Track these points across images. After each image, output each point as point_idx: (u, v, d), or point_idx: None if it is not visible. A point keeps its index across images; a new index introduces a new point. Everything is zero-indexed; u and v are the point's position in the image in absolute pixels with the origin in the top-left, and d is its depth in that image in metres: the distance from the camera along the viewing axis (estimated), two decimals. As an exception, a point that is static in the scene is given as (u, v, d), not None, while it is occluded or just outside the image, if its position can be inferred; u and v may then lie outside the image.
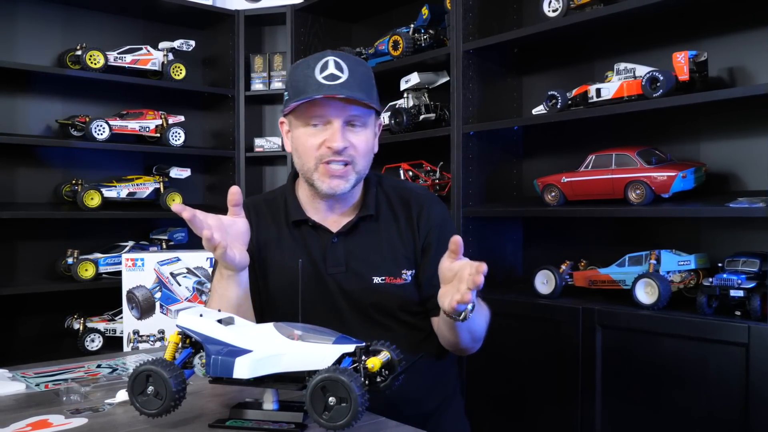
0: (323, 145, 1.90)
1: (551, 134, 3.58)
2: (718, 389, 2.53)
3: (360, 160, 1.94)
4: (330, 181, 1.92)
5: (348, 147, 1.90)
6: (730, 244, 2.91)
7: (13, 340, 4.17)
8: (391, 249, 2.03)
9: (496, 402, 3.28)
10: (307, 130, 1.93)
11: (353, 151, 1.92)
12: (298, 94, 1.89)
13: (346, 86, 1.87)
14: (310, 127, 1.92)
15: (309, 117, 1.91)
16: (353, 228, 2.03)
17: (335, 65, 1.89)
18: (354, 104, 1.89)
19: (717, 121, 3.01)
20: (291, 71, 1.99)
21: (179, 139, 4.45)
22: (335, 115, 1.89)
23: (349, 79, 1.88)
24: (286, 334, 1.40)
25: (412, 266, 2.03)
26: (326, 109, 1.88)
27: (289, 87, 1.96)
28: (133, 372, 1.41)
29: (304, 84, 1.89)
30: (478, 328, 1.94)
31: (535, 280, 3.19)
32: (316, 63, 1.90)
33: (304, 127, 1.93)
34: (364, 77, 1.94)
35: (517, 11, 3.73)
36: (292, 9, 4.63)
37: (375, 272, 1.99)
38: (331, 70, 1.88)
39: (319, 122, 1.91)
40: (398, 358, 1.43)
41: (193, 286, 3.77)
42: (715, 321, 2.56)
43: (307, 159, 1.94)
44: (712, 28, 3.02)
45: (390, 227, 2.05)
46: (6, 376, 1.88)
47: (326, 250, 2.01)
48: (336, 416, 1.29)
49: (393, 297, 2.00)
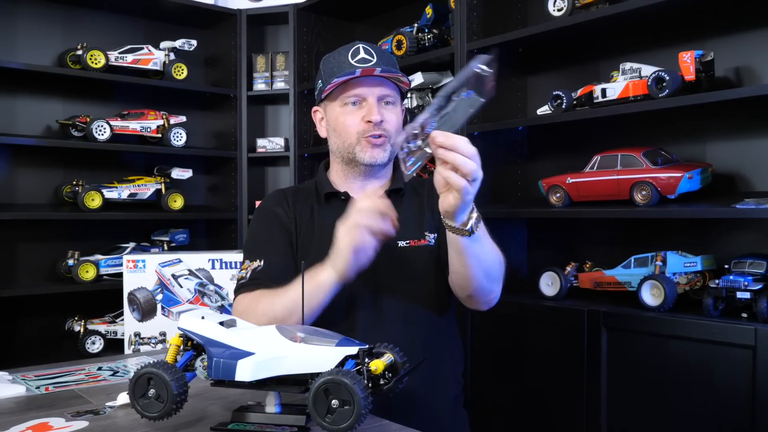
0: (362, 120, 2.07)
1: (556, 135, 3.56)
2: (725, 392, 2.52)
3: (393, 135, 2.09)
4: (372, 151, 2.08)
5: (383, 121, 2.07)
6: (736, 246, 2.90)
7: (13, 342, 4.16)
8: (415, 216, 2.15)
9: (501, 404, 3.26)
10: (345, 109, 2.10)
11: (388, 125, 2.09)
12: (333, 77, 2.06)
13: (378, 65, 2.05)
14: (348, 106, 2.09)
15: (345, 96, 2.08)
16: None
17: (365, 51, 2.09)
18: (388, 79, 2.08)
19: (723, 122, 3.00)
20: (323, 62, 2.16)
21: (181, 140, 4.44)
22: (370, 93, 2.07)
23: (379, 61, 2.07)
24: (288, 337, 1.40)
25: (434, 229, 2.13)
26: (361, 88, 2.07)
27: (323, 74, 2.14)
28: (135, 375, 1.39)
29: (339, 68, 2.07)
30: (489, 258, 1.92)
31: (539, 282, 3.20)
32: (347, 51, 2.10)
33: (342, 107, 2.10)
34: (391, 61, 2.13)
35: (522, 10, 3.71)
36: (294, 8, 4.62)
37: (400, 237, 2.05)
38: (362, 54, 2.08)
39: (355, 99, 2.08)
40: (402, 360, 1.43)
41: (195, 288, 3.75)
42: (721, 323, 2.54)
43: (348, 135, 2.10)
44: (718, 27, 3.01)
45: (413, 198, 2.20)
46: (6, 379, 1.88)
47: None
48: (339, 419, 1.28)
49: (416, 259, 2.09)
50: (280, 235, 2.12)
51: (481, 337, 3.34)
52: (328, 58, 2.15)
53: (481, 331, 3.34)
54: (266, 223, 2.16)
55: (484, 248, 1.87)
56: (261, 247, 2.11)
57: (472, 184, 1.64)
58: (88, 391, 1.79)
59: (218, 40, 4.87)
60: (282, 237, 2.12)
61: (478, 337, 3.35)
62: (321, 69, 2.17)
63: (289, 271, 2.02)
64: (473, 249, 1.82)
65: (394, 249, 2.05)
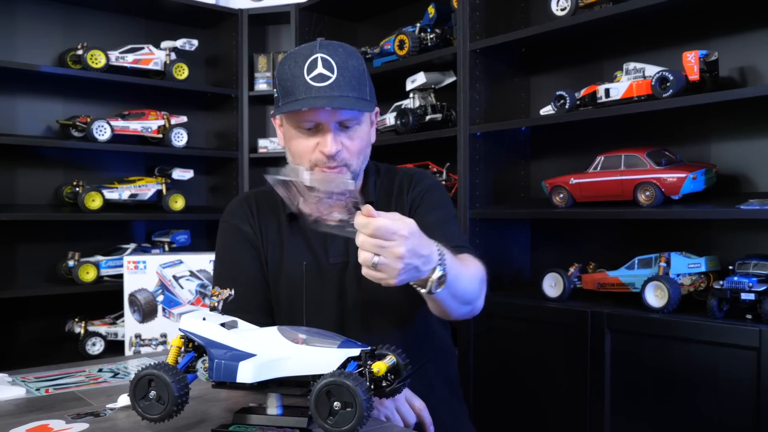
0: (316, 149, 1.84)
1: (559, 135, 3.56)
2: (729, 394, 2.51)
3: (354, 161, 1.89)
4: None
5: (341, 150, 1.85)
6: (741, 247, 2.90)
7: (13, 344, 4.15)
8: None
9: (504, 406, 3.26)
10: (299, 133, 1.87)
11: (346, 154, 1.87)
12: (286, 95, 1.82)
13: (336, 87, 1.79)
14: (301, 130, 1.85)
15: (299, 121, 1.84)
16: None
17: (323, 63, 1.80)
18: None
19: (728, 122, 3.00)
20: (279, 66, 1.89)
21: (182, 140, 4.43)
22: (326, 118, 1.82)
23: (339, 79, 1.79)
24: (290, 338, 1.39)
25: None
26: (317, 114, 1.81)
27: (278, 84, 1.88)
28: (135, 376, 1.38)
29: (292, 85, 1.81)
30: (466, 293, 1.76)
31: (543, 283, 3.19)
32: (304, 61, 1.81)
33: (296, 129, 1.87)
34: (355, 72, 1.83)
35: (525, 10, 3.72)
36: (296, 8, 4.61)
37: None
38: (320, 69, 1.79)
39: (310, 125, 1.84)
40: (404, 362, 1.42)
41: (196, 289, 3.75)
42: (725, 324, 2.54)
43: (301, 161, 1.88)
44: (722, 27, 3.00)
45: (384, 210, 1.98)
46: (6, 381, 1.87)
47: (327, 242, 1.98)
48: (341, 421, 1.27)
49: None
50: (249, 257, 2.01)
51: (484, 338, 3.33)
52: (283, 65, 1.87)
53: (483, 333, 3.33)
54: (233, 243, 2.04)
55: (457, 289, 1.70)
56: (231, 273, 2.00)
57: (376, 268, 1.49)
58: (88, 393, 1.78)
59: (219, 40, 4.87)
60: (251, 258, 2.01)
61: (481, 339, 3.34)
62: (276, 74, 1.90)
63: (261, 297, 1.98)
64: (442, 295, 1.66)
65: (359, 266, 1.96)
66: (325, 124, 1.82)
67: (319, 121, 1.82)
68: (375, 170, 2.09)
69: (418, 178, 2.07)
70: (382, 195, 2.05)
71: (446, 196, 2.10)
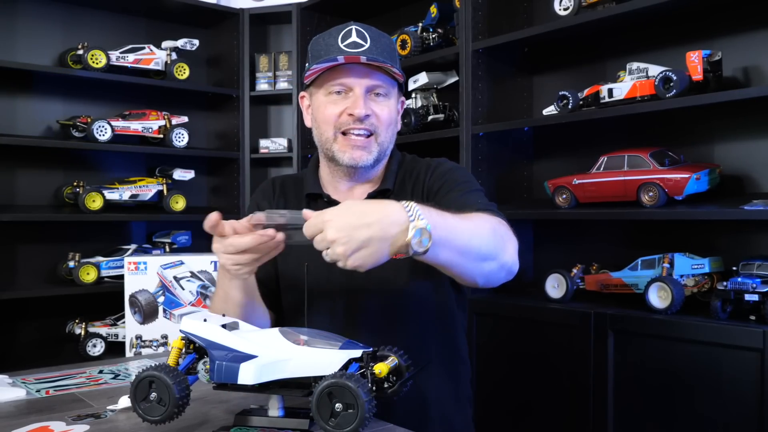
0: (344, 113, 1.84)
1: (562, 135, 3.56)
2: (733, 395, 2.52)
3: (383, 132, 1.88)
4: (352, 152, 1.86)
5: (371, 115, 1.84)
6: (744, 248, 2.90)
7: (14, 345, 4.14)
8: None
9: (506, 408, 3.25)
10: (328, 98, 1.87)
11: (376, 121, 1.86)
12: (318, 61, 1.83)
13: (369, 53, 1.80)
14: (332, 95, 1.86)
15: (330, 84, 1.85)
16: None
17: (357, 34, 1.83)
18: (378, 71, 1.84)
19: (731, 122, 3.00)
20: (312, 43, 1.91)
21: (183, 140, 4.42)
22: (357, 82, 1.83)
23: (372, 47, 1.82)
24: (291, 340, 1.38)
25: None
26: (348, 76, 1.83)
27: (310, 57, 1.90)
28: (136, 378, 1.38)
29: (326, 51, 1.83)
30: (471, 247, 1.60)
31: (545, 284, 3.19)
32: (338, 32, 1.84)
33: (326, 95, 1.87)
34: (387, 48, 1.87)
35: (528, 10, 3.72)
36: (297, 7, 4.62)
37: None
38: (354, 38, 1.82)
39: (340, 89, 1.85)
40: (406, 363, 1.41)
41: (197, 290, 3.74)
42: (729, 326, 2.54)
43: (326, 128, 1.88)
44: (726, 26, 3.00)
45: (403, 194, 1.95)
46: (6, 382, 1.86)
47: None
48: (343, 423, 1.26)
49: (399, 271, 1.87)
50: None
51: (487, 339, 3.32)
52: (317, 39, 1.90)
53: (486, 334, 3.32)
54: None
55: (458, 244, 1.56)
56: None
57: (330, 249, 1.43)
58: (89, 394, 1.77)
59: (221, 40, 4.86)
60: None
61: (484, 340, 3.33)
62: (309, 50, 1.92)
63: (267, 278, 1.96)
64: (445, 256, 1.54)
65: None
66: (356, 87, 1.84)
67: (349, 84, 1.84)
68: (400, 159, 2.05)
69: (436, 164, 2.00)
70: (399, 182, 1.99)
71: (467, 175, 2.01)
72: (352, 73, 1.82)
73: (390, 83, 1.89)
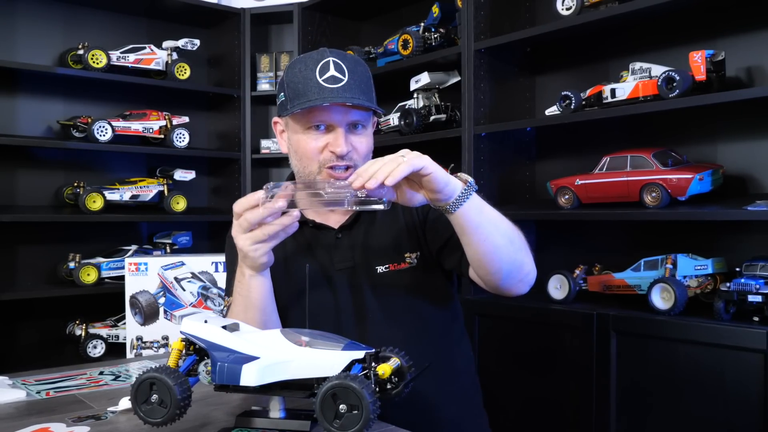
0: (326, 149, 1.86)
1: (565, 135, 3.55)
2: (736, 397, 2.51)
3: (361, 162, 1.87)
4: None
5: (351, 151, 1.87)
6: (747, 248, 2.89)
7: (14, 346, 4.13)
8: (391, 234, 1.98)
9: (508, 409, 3.24)
10: (308, 135, 1.88)
11: (355, 155, 1.88)
12: (298, 97, 1.84)
13: (348, 89, 1.82)
14: (312, 131, 1.87)
15: (310, 121, 1.86)
16: (355, 220, 1.98)
17: (335, 67, 1.84)
18: (356, 109, 1.86)
19: (734, 122, 2.99)
20: (287, 71, 1.91)
21: (183, 141, 4.41)
22: (338, 120, 1.85)
23: (350, 82, 1.83)
24: (293, 341, 1.38)
25: (416, 247, 1.97)
26: (329, 114, 1.84)
27: (287, 88, 1.89)
28: (137, 380, 1.38)
29: (304, 87, 1.83)
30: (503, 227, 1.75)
31: (548, 285, 3.18)
32: (315, 64, 1.84)
33: (305, 130, 1.88)
34: (364, 78, 1.89)
35: (530, 9, 3.71)
36: (299, 7, 4.60)
37: (378, 261, 1.94)
38: (332, 72, 1.83)
39: (322, 125, 1.86)
40: (408, 364, 1.41)
41: (198, 291, 3.73)
42: (732, 327, 2.54)
43: (308, 163, 1.89)
44: (729, 26, 3.00)
45: (388, 213, 1.93)
46: (6, 384, 1.87)
47: (332, 248, 1.97)
48: (347, 424, 1.26)
49: (398, 285, 1.94)
50: None
51: (489, 341, 3.31)
52: (292, 69, 1.89)
53: (488, 336, 3.31)
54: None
55: (489, 216, 1.71)
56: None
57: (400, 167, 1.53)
58: (89, 396, 1.77)
59: (222, 40, 4.86)
60: None
61: (486, 342, 3.32)
62: (284, 79, 1.91)
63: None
64: (473, 222, 1.67)
65: (374, 276, 1.94)
66: (337, 124, 1.85)
67: (331, 121, 1.84)
68: None
69: None
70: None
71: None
72: (333, 110, 1.84)
73: (367, 115, 1.92)
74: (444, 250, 1.93)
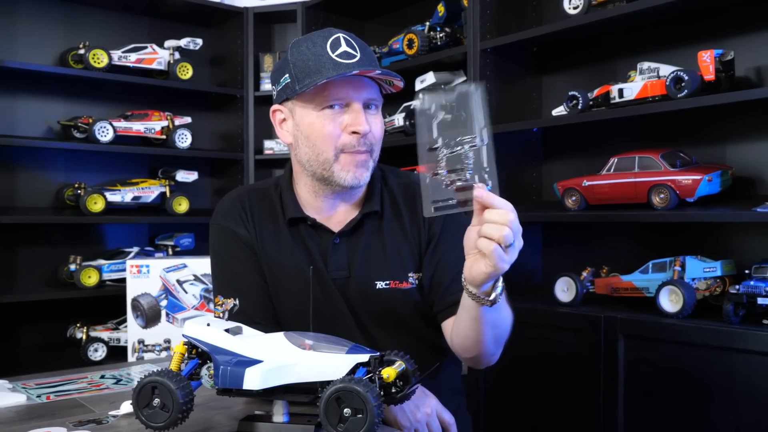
0: (345, 130, 1.75)
1: (572, 136, 3.55)
2: (745, 400, 2.50)
3: (377, 148, 1.82)
4: (355, 171, 1.78)
5: (369, 133, 1.77)
6: (757, 250, 2.89)
7: (14, 349, 4.12)
8: (396, 250, 1.87)
9: (515, 413, 3.24)
10: (322, 115, 1.76)
11: (372, 138, 1.79)
12: (309, 75, 1.73)
13: (361, 65, 1.73)
14: (327, 111, 1.75)
15: (326, 99, 1.74)
16: (356, 227, 1.89)
17: (347, 43, 1.74)
18: (370, 83, 1.78)
19: (744, 123, 2.98)
20: (291, 50, 1.79)
21: (186, 141, 4.40)
22: (356, 96, 1.75)
23: (363, 58, 1.74)
24: (297, 344, 1.38)
25: (419, 267, 1.88)
26: (346, 91, 1.74)
27: (293, 68, 1.77)
28: (138, 384, 1.38)
29: (316, 63, 1.72)
30: (503, 325, 1.71)
31: (555, 288, 3.17)
32: (324, 41, 1.74)
33: (318, 111, 1.76)
34: (373, 56, 1.80)
35: (537, 9, 3.71)
36: (302, 6, 4.61)
37: (379, 276, 1.85)
38: (344, 48, 1.73)
39: (338, 104, 1.75)
40: (413, 368, 1.41)
41: (201, 294, 3.72)
42: (741, 330, 2.53)
43: (325, 148, 1.77)
44: (738, 26, 2.99)
45: (394, 226, 1.89)
46: (6, 387, 1.87)
47: (327, 253, 1.87)
48: (351, 428, 1.26)
49: (399, 303, 1.86)
50: (249, 263, 1.89)
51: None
52: (299, 48, 1.77)
53: (493, 338, 3.29)
54: (231, 248, 1.93)
55: (501, 315, 1.66)
56: (233, 282, 1.90)
57: (507, 251, 1.43)
58: (90, 399, 1.77)
59: (224, 39, 4.86)
60: (252, 265, 1.89)
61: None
62: (289, 59, 1.78)
63: (267, 306, 1.88)
64: (490, 317, 1.61)
65: (371, 290, 1.85)
66: (354, 102, 1.75)
67: (348, 99, 1.75)
68: (380, 176, 1.97)
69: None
70: (388, 207, 1.92)
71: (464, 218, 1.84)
72: (349, 86, 1.74)
73: (379, 97, 1.83)
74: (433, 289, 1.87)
